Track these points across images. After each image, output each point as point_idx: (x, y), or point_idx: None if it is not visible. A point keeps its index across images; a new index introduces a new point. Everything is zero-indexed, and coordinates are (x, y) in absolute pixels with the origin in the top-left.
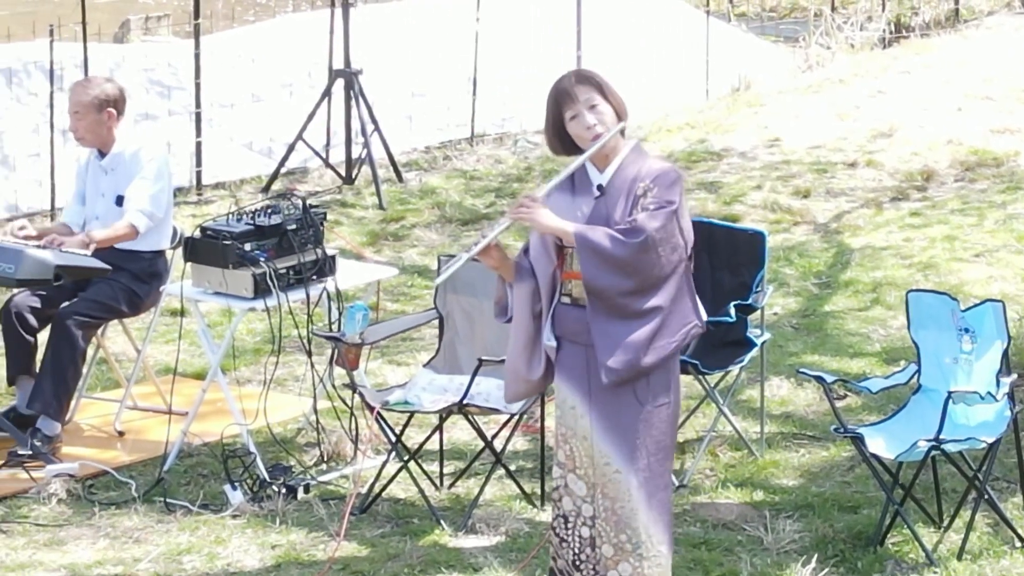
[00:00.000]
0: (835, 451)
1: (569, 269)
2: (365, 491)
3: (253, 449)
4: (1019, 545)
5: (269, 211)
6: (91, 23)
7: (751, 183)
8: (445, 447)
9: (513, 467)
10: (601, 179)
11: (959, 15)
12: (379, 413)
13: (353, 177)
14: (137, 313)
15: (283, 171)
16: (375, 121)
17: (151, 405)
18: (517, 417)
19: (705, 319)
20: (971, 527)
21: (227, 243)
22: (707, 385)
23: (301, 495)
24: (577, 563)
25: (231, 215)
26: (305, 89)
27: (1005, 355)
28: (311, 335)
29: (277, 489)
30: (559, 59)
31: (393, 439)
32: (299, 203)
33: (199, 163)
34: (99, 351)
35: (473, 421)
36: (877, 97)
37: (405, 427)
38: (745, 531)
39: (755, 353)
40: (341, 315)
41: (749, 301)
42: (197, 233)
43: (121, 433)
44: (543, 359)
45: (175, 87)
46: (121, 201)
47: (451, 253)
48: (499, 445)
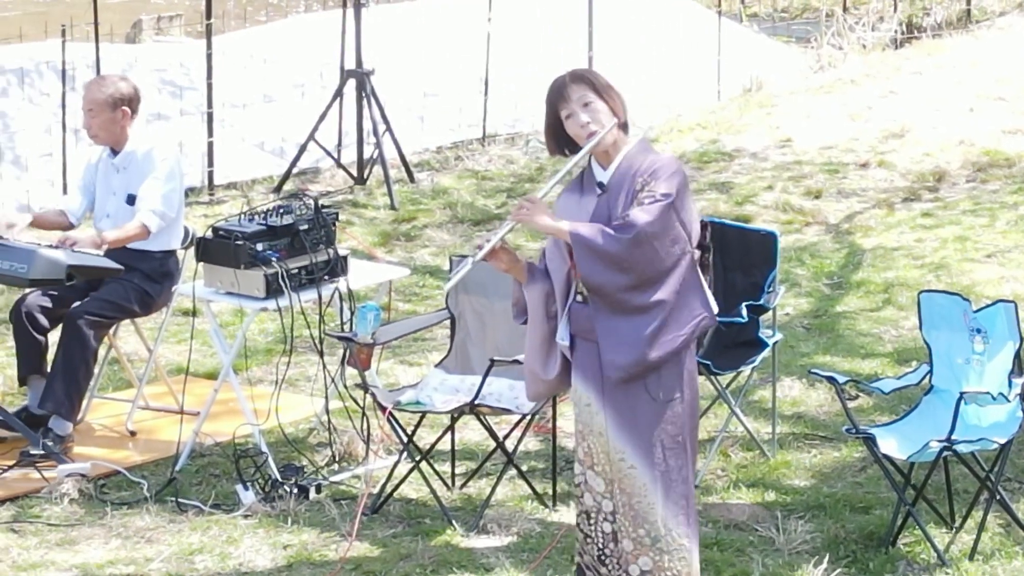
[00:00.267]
0: (847, 452)
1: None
2: (377, 491)
3: (265, 449)
4: None
5: (281, 211)
6: (103, 23)
7: (763, 183)
8: (457, 447)
9: (525, 467)
10: (604, 176)
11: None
12: (391, 413)
13: (365, 177)
14: (149, 313)
15: (295, 171)
16: (387, 121)
17: (163, 405)
18: (529, 417)
19: (716, 311)
20: (983, 528)
21: (239, 243)
22: (719, 385)
23: (313, 495)
24: (602, 558)
25: (243, 215)
26: (317, 89)
27: (1017, 356)
28: (323, 335)
29: (289, 489)
30: (571, 59)
31: (405, 439)
32: (311, 203)
33: (211, 163)
34: (111, 351)
35: (485, 421)
36: (889, 98)
37: (417, 427)
38: (757, 532)
39: (767, 354)
40: (353, 315)
41: (761, 302)
42: (209, 233)
43: (133, 433)
44: (558, 359)
45: (187, 87)
46: (133, 200)
47: (463, 254)
48: (511, 445)
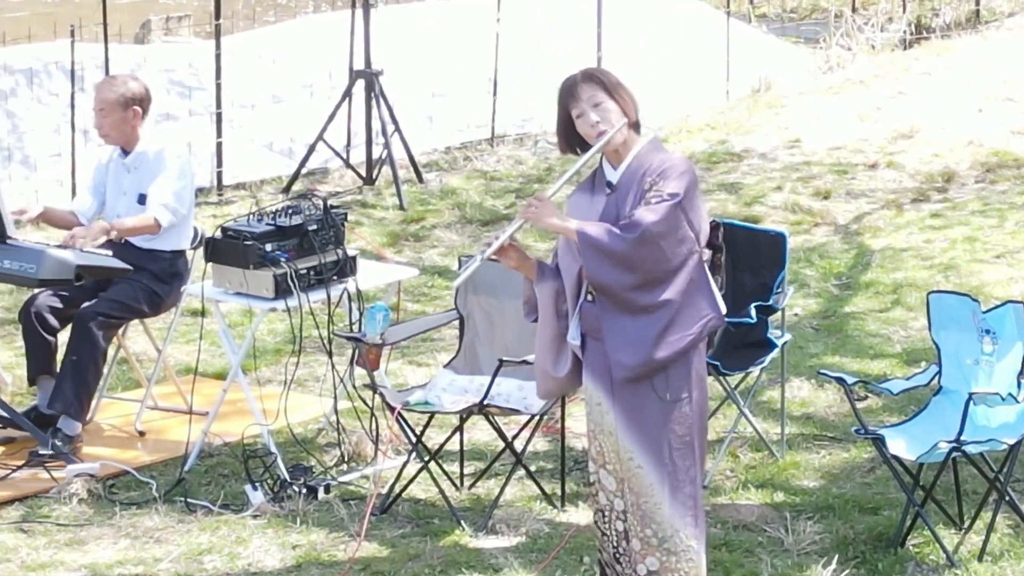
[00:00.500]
0: (856, 452)
1: None
2: (385, 491)
3: (274, 449)
4: None
5: (290, 211)
6: (112, 24)
7: (771, 184)
8: (465, 448)
9: (533, 468)
10: (613, 176)
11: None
12: (399, 413)
13: (374, 178)
14: (158, 313)
15: (304, 172)
16: (395, 122)
17: (172, 405)
18: (537, 418)
19: (724, 311)
20: (992, 529)
21: (248, 243)
22: (728, 386)
23: (321, 495)
24: (617, 556)
25: (252, 215)
26: (326, 90)
27: None
28: (332, 335)
29: (297, 489)
30: (579, 60)
31: (413, 439)
32: (320, 204)
33: (220, 164)
34: (120, 351)
35: (493, 422)
36: (898, 98)
37: (425, 428)
38: (766, 532)
39: (776, 354)
40: (362, 315)
41: (770, 302)
42: (218, 233)
43: (142, 433)
44: (569, 358)
45: (196, 88)
46: (143, 200)
47: (471, 254)
48: (519, 446)
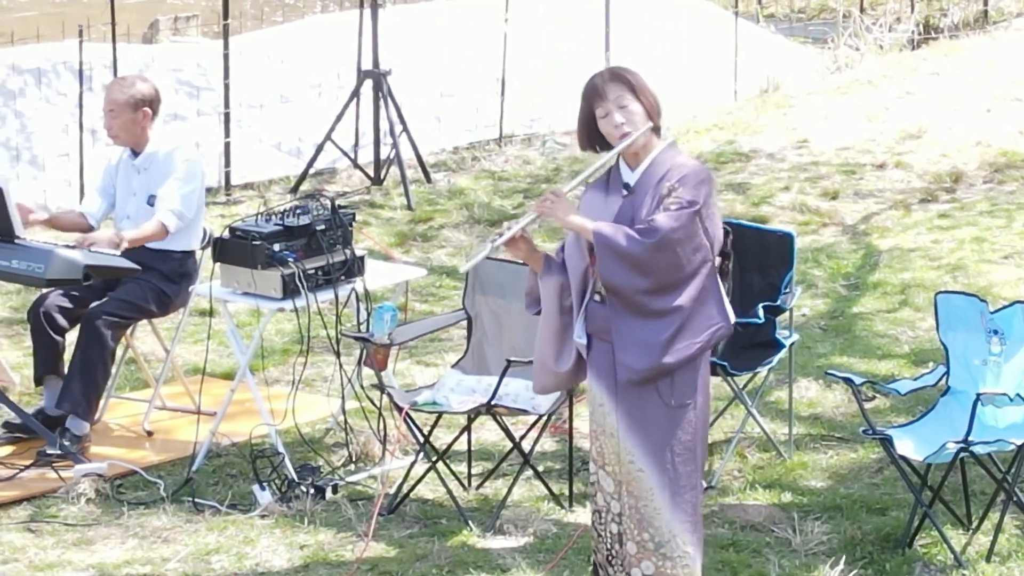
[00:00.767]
0: (863, 453)
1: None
2: (393, 492)
3: (281, 449)
4: None
5: (298, 212)
6: (120, 23)
7: (779, 184)
8: (473, 448)
9: (541, 468)
10: (631, 177)
11: (988, 16)
12: (407, 414)
13: (382, 178)
14: (166, 313)
15: (312, 172)
16: (403, 122)
17: (180, 405)
18: (545, 418)
19: (733, 320)
20: (1000, 529)
21: (256, 243)
22: (735, 386)
23: (329, 495)
24: (609, 558)
25: (260, 215)
26: (334, 90)
27: None
28: (340, 336)
29: (305, 489)
30: (588, 60)
31: (421, 440)
32: (328, 204)
33: (228, 164)
34: (128, 351)
35: (501, 422)
36: (906, 98)
37: (433, 428)
38: (773, 533)
39: (783, 354)
40: (370, 316)
41: (778, 302)
42: (226, 233)
43: (150, 433)
44: (572, 354)
45: (204, 87)
46: (153, 201)
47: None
48: (527, 446)
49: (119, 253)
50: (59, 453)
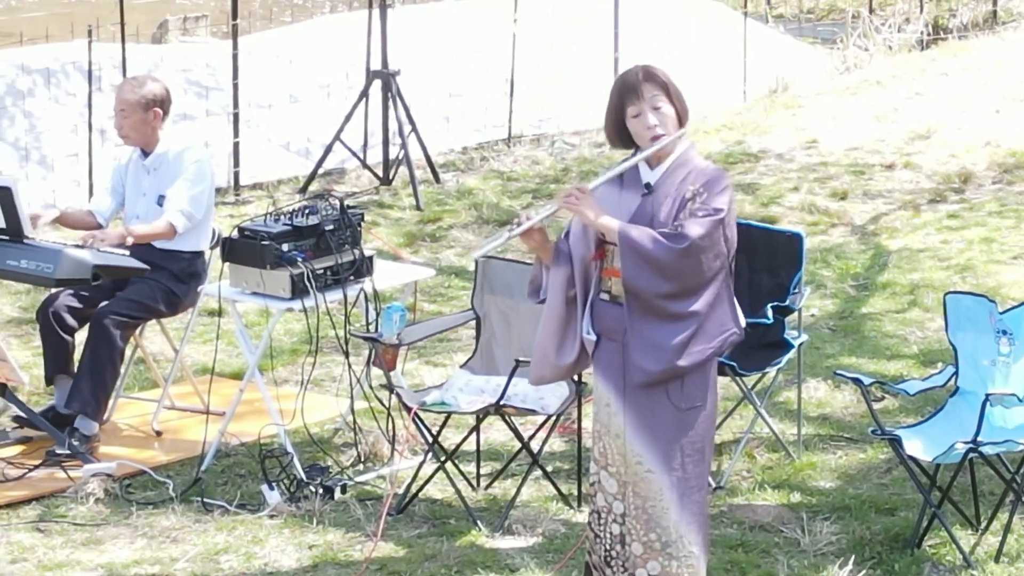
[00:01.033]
0: (872, 453)
1: (610, 266)
2: (402, 492)
3: (290, 449)
4: None
5: (307, 212)
6: (129, 24)
7: (788, 185)
8: (482, 448)
9: (550, 468)
10: (650, 177)
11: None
12: (416, 414)
13: (390, 178)
14: (175, 313)
15: (320, 172)
16: (412, 122)
17: (188, 405)
18: (554, 418)
19: (744, 325)
20: (1009, 530)
21: (265, 243)
22: (744, 387)
23: (338, 495)
24: (608, 559)
25: (269, 216)
26: (343, 90)
27: None
28: (348, 336)
29: (314, 489)
30: (596, 61)
31: (430, 440)
32: (337, 204)
33: (237, 164)
34: (137, 351)
35: (510, 422)
36: (915, 99)
37: (442, 428)
38: (782, 533)
39: (792, 355)
40: (378, 316)
41: (786, 303)
42: (235, 233)
43: (159, 433)
44: (576, 347)
45: (213, 88)
46: (163, 201)
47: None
48: (536, 446)
49: (127, 248)
50: (68, 453)
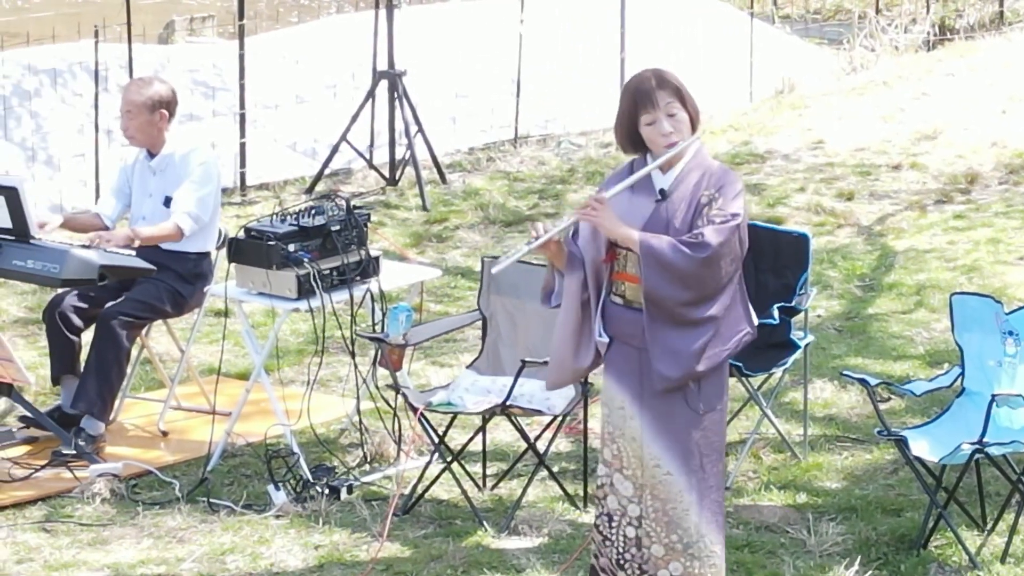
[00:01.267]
0: (878, 454)
1: (621, 270)
2: (408, 492)
3: (296, 449)
4: None
5: (313, 212)
6: (136, 24)
7: (795, 185)
8: (488, 448)
9: (556, 468)
10: (664, 182)
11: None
12: (422, 414)
13: (397, 178)
14: (181, 313)
15: (327, 172)
16: (419, 122)
17: (195, 405)
18: (560, 418)
19: (756, 324)
20: (1015, 530)
21: (271, 244)
22: (750, 387)
23: (344, 496)
24: (621, 562)
25: (275, 216)
26: (349, 90)
27: None
28: (355, 336)
29: (320, 490)
30: (603, 61)
31: (436, 440)
32: (343, 204)
33: (243, 164)
34: (143, 351)
35: (516, 422)
36: (921, 99)
37: (448, 428)
38: (788, 533)
39: (798, 355)
40: (385, 316)
41: (793, 303)
42: (241, 234)
43: (165, 433)
44: (592, 350)
45: (219, 88)
46: (169, 203)
47: (494, 255)
48: (542, 446)
49: (133, 250)
50: (74, 453)
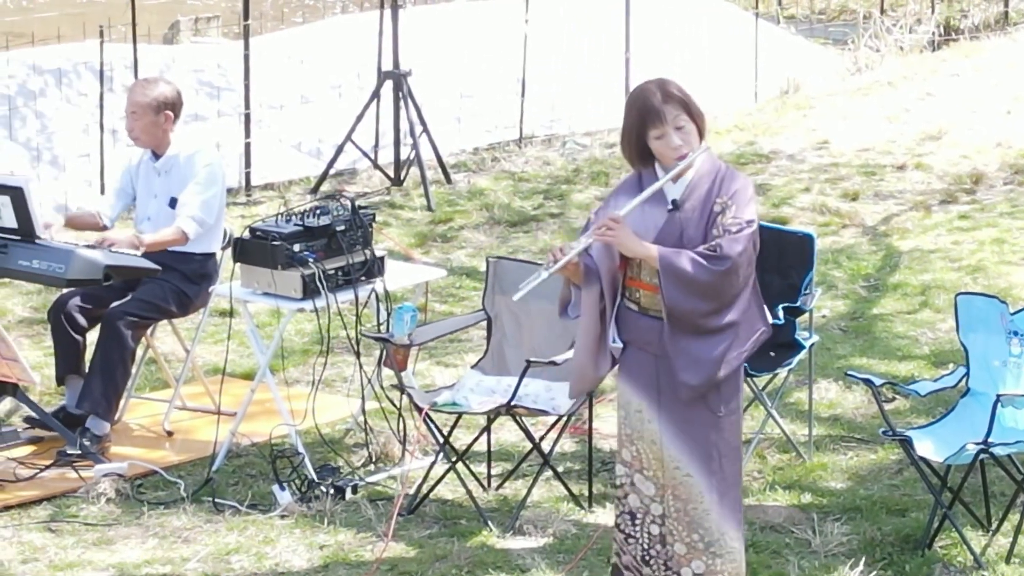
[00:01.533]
0: (883, 454)
1: (635, 277)
2: (413, 492)
3: (301, 449)
4: None
5: (318, 212)
6: (141, 24)
7: (800, 186)
8: (493, 448)
9: (561, 468)
10: (675, 193)
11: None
12: (427, 414)
13: (402, 178)
14: (186, 313)
15: (332, 172)
16: (424, 122)
17: (200, 405)
18: (565, 419)
19: (771, 322)
20: (1020, 530)
21: (276, 244)
22: (755, 387)
23: (349, 496)
24: (647, 558)
25: (280, 216)
26: (354, 90)
27: None
28: (360, 336)
29: (325, 490)
30: (608, 61)
31: (441, 440)
32: (348, 204)
33: (248, 164)
34: (148, 351)
35: (521, 422)
36: (926, 100)
37: (453, 428)
38: (793, 534)
39: (803, 356)
40: (389, 316)
41: (798, 304)
42: (246, 234)
43: (170, 433)
44: (609, 357)
45: (224, 88)
46: (174, 203)
47: (499, 255)
48: (547, 447)
49: (139, 252)
50: (79, 453)
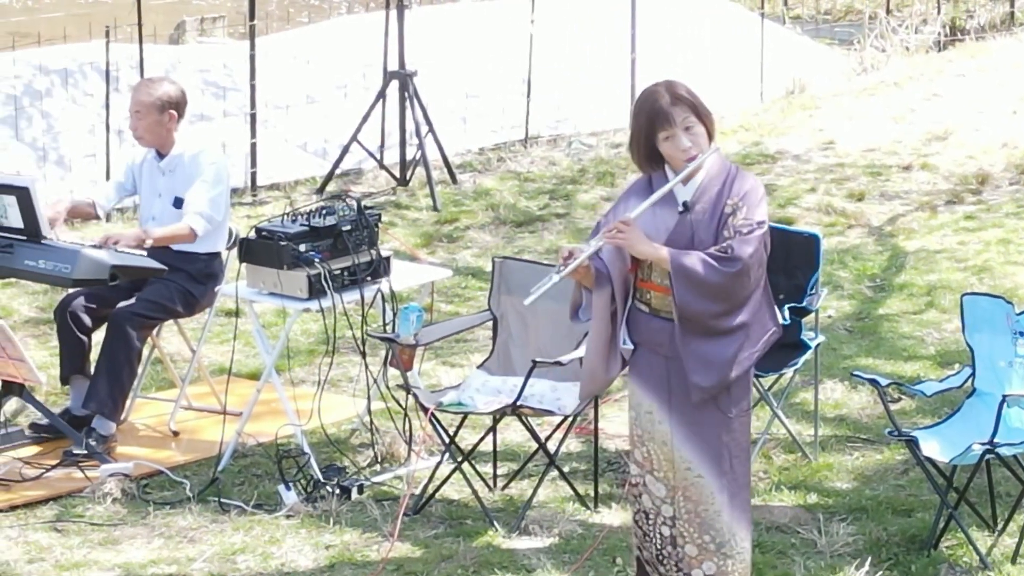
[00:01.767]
0: (889, 454)
1: (646, 279)
2: (419, 492)
3: (307, 449)
4: None
5: (324, 212)
6: (146, 24)
7: (805, 186)
8: (498, 448)
9: (566, 469)
10: (686, 195)
11: (1014, 18)
12: (433, 414)
13: (407, 178)
14: (192, 313)
15: (338, 172)
16: (429, 123)
17: (205, 405)
18: (571, 419)
19: (781, 322)
20: None
21: (282, 244)
22: (761, 387)
23: (355, 496)
24: (660, 558)
25: (286, 216)
26: (360, 91)
27: None
28: (365, 336)
29: (331, 490)
30: (613, 61)
31: (447, 440)
32: (354, 204)
33: (254, 164)
34: (154, 351)
35: (526, 422)
36: (932, 100)
37: (459, 428)
38: (799, 534)
39: (809, 356)
40: (395, 316)
41: (803, 304)
42: (252, 234)
43: (176, 433)
44: (619, 358)
45: (230, 88)
46: (179, 203)
47: (505, 255)
48: (552, 447)
49: (145, 250)
50: (85, 453)
